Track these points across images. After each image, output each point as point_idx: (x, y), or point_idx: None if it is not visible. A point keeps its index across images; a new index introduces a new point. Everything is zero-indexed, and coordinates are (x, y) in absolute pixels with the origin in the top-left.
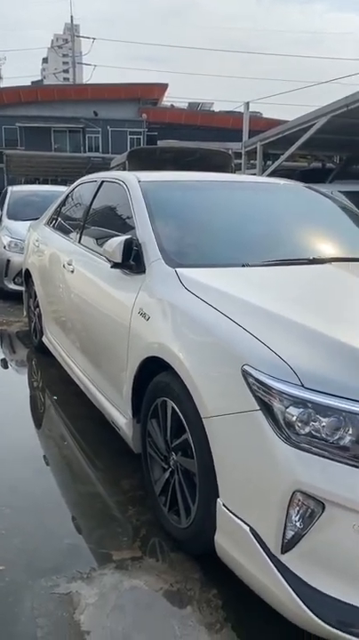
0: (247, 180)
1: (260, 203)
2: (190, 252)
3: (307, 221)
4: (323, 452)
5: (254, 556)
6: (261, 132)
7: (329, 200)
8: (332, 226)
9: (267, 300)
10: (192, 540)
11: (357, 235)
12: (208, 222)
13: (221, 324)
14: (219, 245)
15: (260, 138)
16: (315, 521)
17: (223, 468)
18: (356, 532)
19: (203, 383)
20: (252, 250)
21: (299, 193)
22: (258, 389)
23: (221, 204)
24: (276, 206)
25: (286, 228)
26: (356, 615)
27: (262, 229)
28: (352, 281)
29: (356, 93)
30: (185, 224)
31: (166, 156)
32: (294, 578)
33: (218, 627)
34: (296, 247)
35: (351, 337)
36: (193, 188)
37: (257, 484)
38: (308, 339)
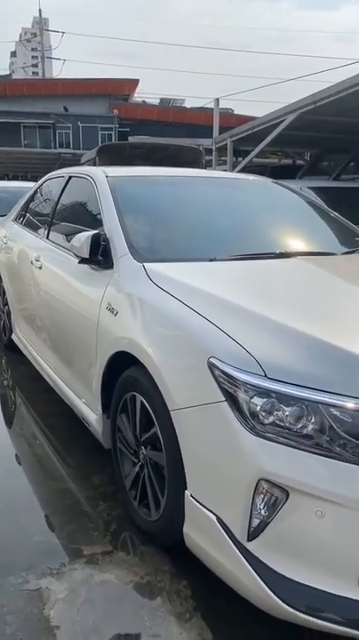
0: (216, 175)
1: (229, 198)
2: (158, 246)
3: (274, 216)
4: (286, 441)
5: (221, 544)
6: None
7: (296, 196)
8: (299, 221)
9: (233, 294)
10: (162, 532)
11: (323, 229)
12: (176, 217)
13: (188, 317)
14: (188, 240)
15: (231, 134)
16: (279, 508)
17: (190, 460)
18: (319, 517)
19: (170, 376)
20: (220, 244)
21: (268, 188)
22: (223, 381)
23: (190, 199)
24: (245, 201)
25: (254, 223)
26: (324, 600)
27: (230, 224)
28: (316, 274)
29: (323, 90)
30: (153, 219)
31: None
32: (260, 565)
33: (187, 616)
34: (263, 242)
35: (313, 328)
36: (161, 183)
37: (223, 474)
38: (272, 331)
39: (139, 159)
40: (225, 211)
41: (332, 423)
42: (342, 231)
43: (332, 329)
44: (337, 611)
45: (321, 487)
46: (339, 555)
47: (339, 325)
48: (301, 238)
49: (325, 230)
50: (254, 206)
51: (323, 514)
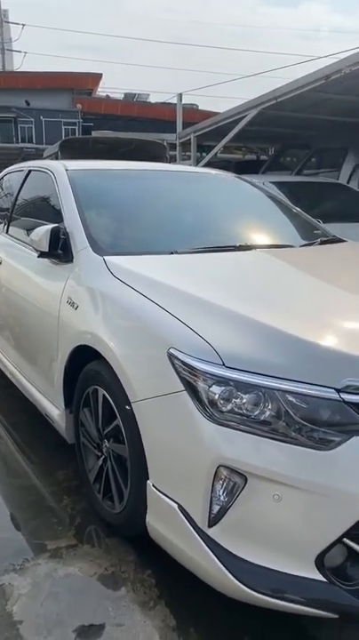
0: (178, 169)
1: (191, 192)
2: (119, 240)
3: (236, 210)
4: (244, 428)
5: (183, 532)
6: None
7: (257, 190)
8: (260, 214)
9: (192, 286)
10: (126, 523)
11: (283, 223)
12: (137, 210)
13: (148, 309)
14: (149, 233)
15: (194, 129)
16: (238, 494)
17: (152, 450)
18: (277, 501)
19: (130, 368)
20: (182, 237)
21: (230, 183)
22: (183, 371)
23: (151, 193)
24: (207, 195)
25: (216, 217)
26: (284, 581)
27: (192, 218)
28: (274, 266)
29: (284, 86)
30: (114, 212)
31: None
32: (221, 550)
33: (151, 604)
34: (224, 235)
35: (269, 317)
36: (122, 177)
37: (183, 463)
38: (230, 320)
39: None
40: (186, 204)
41: (288, 409)
42: (301, 224)
43: (288, 318)
44: (296, 591)
45: (277, 471)
46: (296, 536)
47: (294, 314)
48: (261, 231)
49: (285, 224)
50: (216, 200)
51: (280, 497)
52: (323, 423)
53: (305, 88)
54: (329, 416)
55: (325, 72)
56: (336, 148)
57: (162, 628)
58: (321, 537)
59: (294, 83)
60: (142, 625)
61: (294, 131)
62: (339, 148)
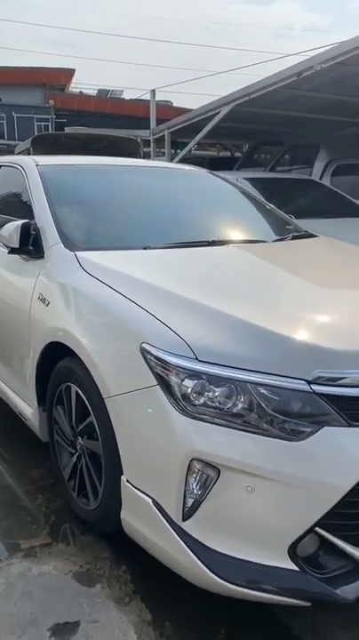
0: (150, 164)
1: (164, 187)
2: (91, 235)
3: (208, 206)
4: (217, 421)
5: (157, 526)
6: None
7: (230, 186)
8: (233, 210)
9: (165, 280)
10: (101, 520)
11: (255, 218)
12: (109, 206)
13: (120, 304)
14: (121, 229)
15: (168, 125)
16: (211, 486)
17: (125, 446)
18: (249, 492)
19: (103, 364)
20: (154, 233)
21: (203, 179)
22: (156, 365)
23: (124, 188)
24: (180, 191)
25: (188, 212)
26: (259, 572)
27: (165, 213)
28: (246, 261)
29: (256, 83)
30: (85, 208)
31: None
32: (196, 543)
33: (127, 600)
34: (197, 230)
35: (241, 311)
36: (94, 172)
37: (157, 457)
38: (203, 314)
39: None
40: (159, 200)
41: (260, 401)
42: (274, 220)
43: (260, 311)
44: (271, 581)
45: (250, 463)
46: (269, 527)
47: (266, 308)
48: (234, 227)
49: (257, 219)
50: (189, 196)
51: (253, 489)
52: (294, 414)
53: (277, 85)
54: (300, 407)
55: (297, 69)
56: (309, 145)
57: (137, 622)
58: (293, 527)
59: (267, 79)
60: (118, 620)
61: (268, 127)
62: (312, 145)
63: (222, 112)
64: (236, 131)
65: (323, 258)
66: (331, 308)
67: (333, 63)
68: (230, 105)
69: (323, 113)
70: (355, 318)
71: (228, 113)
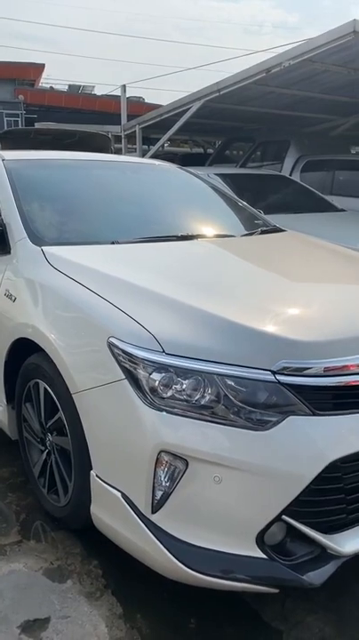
0: (119, 159)
1: (133, 182)
2: (58, 230)
3: (178, 201)
4: (185, 413)
5: (127, 519)
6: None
7: (200, 181)
8: (202, 205)
9: (132, 275)
10: (71, 516)
11: (224, 213)
12: (78, 201)
13: (87, 299)
14: (89, 223)
15: (139, 121)
16: (180, 478)
17: (94, 440)
18: (217, 483)
19: (71, 359)
20: (123, 228)
21: (172, 174)
22: (123, 360)
23: (92, 183)
24: (149, 186)
25: (158, 207)
26: (230, 561)
27: (134, 208)
28: (215, 255)
29: (226, 79)
30: (53, 203)
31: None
32: (166, 535)
33: (98, 594)
34: (166, 225)
35: (208, 304)
36: (62, 167)
37: (125, 451)
38: (170, 308)
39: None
40: (129, 195)
41: (227, 392)
42: (243, 215)
43: (227, 304)
44: (239, 570)
45: (217, 453)
46: (237, 516)
47: (233, 300)
48: (203, 222)
49: (226, 214)
50: (158, 190)
51: (221, 479)
52: (260, 405)
53: (247, 81)
54: (266, 398)
55: (266, 65)
56: (279, 141)
57: (108, 616)
58: (260, 515)
59: (236, 76)
60: (88, 615)
61: (239, 124)
62: (282, 141)
63: (193, 108)
64: (208, 127)
65: (291, 252)
66: (296, 301)
67: (301, 60)
68: (201, 101)
69: (292, 109)
70: (319, 310)
71: (199, 109)
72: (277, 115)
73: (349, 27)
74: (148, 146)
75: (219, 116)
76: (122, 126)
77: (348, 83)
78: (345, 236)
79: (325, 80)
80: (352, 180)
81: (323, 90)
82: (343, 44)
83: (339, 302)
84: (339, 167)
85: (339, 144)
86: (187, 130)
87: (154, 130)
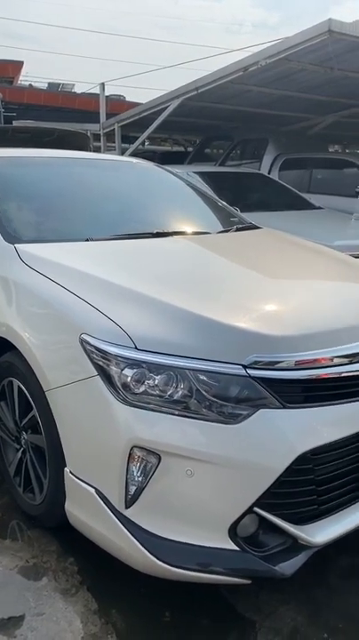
0: (96, 157)
1: (109, 179)
2: (32, 228)
3: (154, 198)
4: (157, 408)
5: (101, 515)
6: None
7: (177, 179)
8: (178, 202)
9: (105, 271)
10: (47, 513)
11: (201, 211)
12: (53, 198)
13: (60, 296)
14: (64, 221)
15: (118, 119)
16: (152, 473)
17: (67, 437)
18: (189, 477)
19: (44, 357)
20: (98, 225)
21: (149, 171)
22: (95, 356)
23: (68, 181)
24: (125, 183)
25: (134, 204)
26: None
27: (110, 205)
28: (190, 251)
29: (204, 77)
30: (27, 200)
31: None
32: (139, 530)
33: (73, 591)
34: (142, 222)
35: (180, 299)
36: (38, 165)
37: (98, 447)
38: (142, 304)
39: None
40: (104, 192)
41: (199, 387)
42: (219, 212)
43: (199, 299)
44: (213, 563)
45: (188, 447)
46: (210, 509)
47: (206, 296)
48: (179, 219)
49: (203, 211)
50: (134, 188)
51: (193, 473)
52: (232, 399)
53: (224, 79)
54: (238, 392)
55: (243, 64)
56: (257, 140)
57: (83, 612)
58: (232, 508)
59: (214, 74)
60: (63, 612)
61: (217, 122)
62: (261, 140)
63: (171, 106)
64: (187, 125)
65: (265, 248)
66: (269, 296)
67: (278, 59)
68: (179, 99)
69: (270, 108)
70: (291, 305)
71: (177, 107)
72: (255, 113)
73: (324, 26)
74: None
75: (197, 115)
76: (101, 124)
77: (325, 81)
78: (321, 233)
79: (302, 79)
80: (329, 178)
81: (300, 88)
82: (318, 43)
83: (311, 297)
84: (317, 165)
85: (316, 142)
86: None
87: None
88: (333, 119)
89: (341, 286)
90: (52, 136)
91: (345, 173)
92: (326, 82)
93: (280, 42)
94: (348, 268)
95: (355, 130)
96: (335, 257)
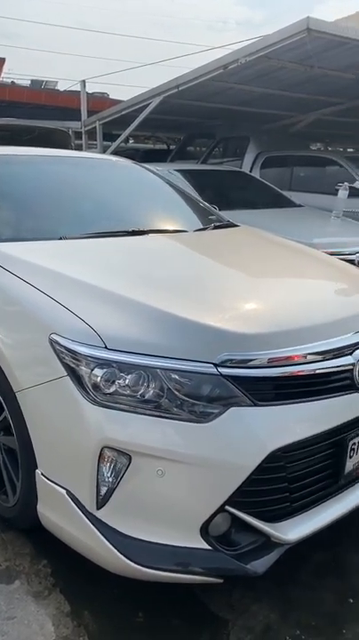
0: (73, 154)
1: (86, 177)
2: (4, 226)
3: (131, 196)
4: (128, 408)
5: (72, 517)
6: None
7: (155, 176)
8: (156, 200)
9: (77, 270)
10: (20, 516)
11: (179, 209)
12: (26, 196)
13: (30, 296)
14: (37, 219)
15: (99, 117)
16: (123, 473)
17: (38, 438)
18: (160, 476)
19: (14, 357)
20: (73, 223)
21: (127, 169)
22: (65, 356)
23: (43, 178)
24: (102, 181)
25: (110, 202)
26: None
27: (86, 203)
28: (165, 250)
29: (184, 75)
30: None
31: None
32: (110, 531)
33: (46, 593)
34: (118, 220)
35: (152, 298)
36: (12, 163)
37: (69, 448)
38: (113, 303)
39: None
40: (81, 190)
41: (170, 386)
42: (197, 210)
43: (171, 298)
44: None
45: (159, 447)
46: (181, 509)
47: (178, 294)
48: (156, 217)
49: (180, 210)
50: (111, 186)
51: (164, 472)
52: (204, 397)
53: (205, 77)
54: (209, 390)
55: (223, 62)
56: (239, 138)
57: (55, 615)
58: (203, 507)
59: (194, 72)
60: (35, 615)
61: (199, 120)
62: (242, 137)
63: (152, 104)
64: (169, 123)
65: (241, 246)
66: (242, 294)
67: (258, 56)
68: (160, 96)
69: (251, 105)
70: (265, 302)
71: (159, 105)
72: (237, 111)
73: (303, 24)
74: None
75: (179, 112)
76: (82, 122)
77: (306, 79)
78: (300, 231)
79: (283, 77)
80: (310, 176)
81: (281, 86)
82: (297, 41)
83: (285, 295)
84: (298, 163)
85: (298, 140)
86: (150, 126)
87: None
88: (314, 117)
89: (315, 283)
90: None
91: (326, 171)
92: (306, 80)
93: (259, 39)
94: (323, 265)
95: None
96: (310, 254)
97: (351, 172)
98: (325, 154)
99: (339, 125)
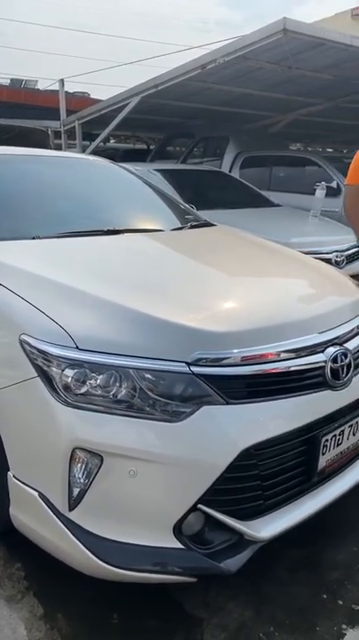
0: (50, 154)
1: (63, 177)
2: None
3: (107, 195)
4: (99, 408)
5: (45, 519)
6: None
7: (132, 176)
8: (133, 200)
9: (48, 270)
10: None
11: (155, 208)
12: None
13: (0, 296)
14: (10, 219)
15: (78, 116)
16: (95, 474)
17: (9, 440)
18: (132, 477)
19: None
20: (47, 223)
21: (105, 169)
22: (35, 357)
23: (20, 178)
24: (79, 180)
25: (86, 202)
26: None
27: (61, 202)
28: (139, 249)
29: (163, 75)
30: None
31: None
32: (83, 532)
33: (19, 597)
34: (93, 219)
35: (124, 298)
36: None
37: (40, 449)
38: (85, 303)
39: None
40: (56, 189)
41: (142, 386)
42: (174, 210)
43: (144, 298)
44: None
45: (130, 447)
46: (154, 509)
47: (152, 294)
48: (132, 216)
49: (157, 209)
50: (88, 185)
51: (135, 472)
52: (176, 397)
53: (183, 77)
54: (182, 390)
55: (201, 62)
56: (218, 137)
57: (28, 618)
58: (176, 506)
59: (172, 71)
60: (7, 619)
61: (179, 119)
62: (222, 137)
63: (131, 104)
64: (149, 123)
65: (216, 245)
66: (216, 292)
67: (235, 57)
68: (138, 96)
69: (230, 105)
70: (238, 301)
71: (138, 104)
72: (216, 111)
73: (279, 25)
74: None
75: (158, 112)
76: (61, 122)
77: (284, 80)
78: (278, 230)
79: (261, 77)
80: (289, 176)
81: (260, 87)
82: (274, 41)
83: (259, 293)
84: (277, 163)
85: (277, 141)
86: (129, 125)
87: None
88: (293, 117)
89: (290, 282)
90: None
91: (305, 171)
92: (285, 80)
93: (237, 40)
94: (298, 264)
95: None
96: (286, 254)
97: (329, 172)
98: (304, 154)
99: (318, 126)
